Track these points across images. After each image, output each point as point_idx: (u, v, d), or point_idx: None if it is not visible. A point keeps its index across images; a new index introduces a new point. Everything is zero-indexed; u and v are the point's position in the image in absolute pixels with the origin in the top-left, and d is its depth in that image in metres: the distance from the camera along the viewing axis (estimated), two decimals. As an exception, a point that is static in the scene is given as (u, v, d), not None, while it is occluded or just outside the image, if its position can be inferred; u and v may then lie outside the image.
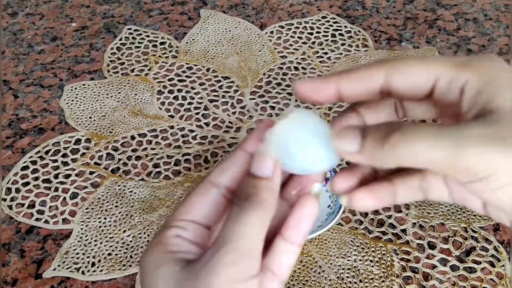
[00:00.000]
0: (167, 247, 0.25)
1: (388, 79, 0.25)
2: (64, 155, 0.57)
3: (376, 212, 0.51)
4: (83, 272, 0.46)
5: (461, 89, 0.25)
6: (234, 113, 0.62)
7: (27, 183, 0.54)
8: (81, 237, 0.49)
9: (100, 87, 0.66)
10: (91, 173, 0.55)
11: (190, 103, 0.63)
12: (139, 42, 0.73)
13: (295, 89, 0.26)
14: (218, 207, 0.27)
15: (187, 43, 0.73)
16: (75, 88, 0.65)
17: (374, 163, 0.24)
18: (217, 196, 0.27)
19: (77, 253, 0.48)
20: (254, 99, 0.64)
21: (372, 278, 0.45)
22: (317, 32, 0.75)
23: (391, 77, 0.25)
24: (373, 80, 0.26)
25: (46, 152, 0.57)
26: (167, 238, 0.26)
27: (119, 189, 0.53)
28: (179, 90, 0.65)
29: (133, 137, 0.59)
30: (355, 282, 0.45)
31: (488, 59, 0.25)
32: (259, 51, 0.71)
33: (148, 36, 0.74)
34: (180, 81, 0.67)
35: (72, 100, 0.64)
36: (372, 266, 0.46)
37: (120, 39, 0.73)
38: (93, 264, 0.47)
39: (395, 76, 0.25)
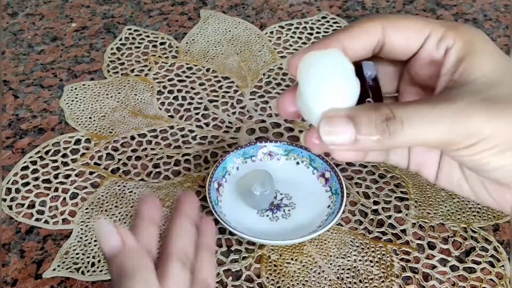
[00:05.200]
0: None
1: (385, 33, 0.26)
2: (64, 155, 0.57)
3: (376, 212, 0.51)
4: (83, 272, 0.46)
5: (447, 50, 0.26)
6: (234, 113, 0.62)
7: (27, 183, 0.54)
8: (81, 237, 0.49)
9: (100, 87, 0.66)
10: (91, 173, 0.55)
11: (190, 103, 0.63)
12: (139, 43, 0.73)
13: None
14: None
15: (187, 43, 0.73)
16: (75, 88, 0.65)
17: (368, 150, 0.26)
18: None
19: (77, 253, 0.48)
20: (254, 99, 0.64)
21: (372, 279, 0.45)
22: (317, 32, 0.75)
23: (387, 31, 0.26)
24: (372, 35, 0.26)
25: (46, 152, 0.57)
26: None
27: (119, 189, 0.53)
28: (179, 91, 0.65)
29: (133, 137, 0.59)
30: (355, 283, 0.45)
31: (473, 29, 0.26)
32: (259, 51, 0.71)
33: (148, 36, 0.74)
34: (180, 81, 0.67)
35: (72, 100, 0.64)
36: (372, 267, 0.46)
37: (120, 39, 0.73)
38: (93, 264, 0.47)
39: (390, 31, 0.26)
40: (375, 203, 0.52)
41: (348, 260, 0.47)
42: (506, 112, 0.24)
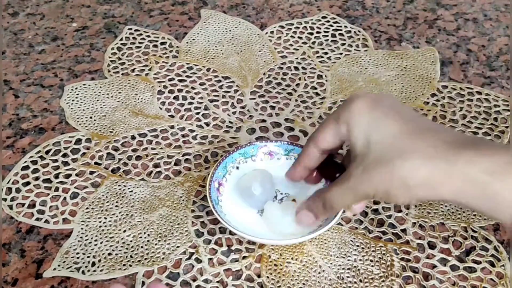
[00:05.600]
0: None
1: (317, 148, 0.41)
2: (65, 155, 0.57)
3: (376, 211, 0.51)
4: (83, 272, 0.46)
5: (342, 136, 0.39)
6: (234, 113, 0.62)
7: (28, 183, 0.54)
8: (81, 237, 0.49)
9: (100, 87, 0.66)
10: (91, 173, 0.55)
11: (190, 103, 0.63)
12: (139, 42, 0.73)
13: (288, 177, 0.46)
14: None
15: (187, 43, 0.73)
16: (76, 88, 0.65)
17: (324, 218, 0.44)
18: None
19: (78, 253, 0.48)
20: (254, 99, 0.64)
21: (372, 278, 0.45)
22: (317, 32, 0.75)
23: (318, 147, 0.41)
24: (312, 157, 0.42)
25: (47, 152, 0.57)
26: None
27: (120, 189, 0.53)
28: (180, 90, 0.65)
29: (133, 137, 0.59)
30: (355, 282, 0.45)
31: (354, 112, 0.38)
32: (259, 51, 0.71)
33: (148, 36, 0.74)
34: (180, 81, 0.67)
35: (73, 100, 0.64)
36: (372, 266, 0.46)
37: (121, 39, 0.74)
38: (93, 264, 0.47)
39: (320, 145, 0.41)
40: (375, 202, 0.52)
41: (348, 260, 0.47)
42: (378, 175, 0.35)
